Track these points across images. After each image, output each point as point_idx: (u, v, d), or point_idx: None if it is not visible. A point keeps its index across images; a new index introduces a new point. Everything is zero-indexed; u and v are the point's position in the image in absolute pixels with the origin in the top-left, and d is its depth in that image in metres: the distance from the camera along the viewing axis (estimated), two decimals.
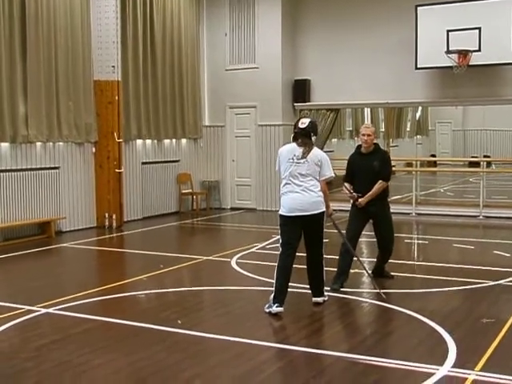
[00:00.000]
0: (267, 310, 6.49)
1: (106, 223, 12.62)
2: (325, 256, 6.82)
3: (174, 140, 14.72)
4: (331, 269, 7.34)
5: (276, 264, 6.61)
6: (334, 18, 14.52)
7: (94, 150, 12.57)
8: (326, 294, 6.92)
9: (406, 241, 10.92)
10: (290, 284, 6.59)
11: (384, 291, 7.19)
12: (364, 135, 7.55)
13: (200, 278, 8.70)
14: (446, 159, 21.73)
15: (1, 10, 10.61)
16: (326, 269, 6.87)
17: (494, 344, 5.51)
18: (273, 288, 6.54)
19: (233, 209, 15.37)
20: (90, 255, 10.47)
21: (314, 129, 6.64)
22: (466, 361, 5.10)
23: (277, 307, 6.43)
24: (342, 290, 7.36)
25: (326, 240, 6.82)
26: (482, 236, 12.09)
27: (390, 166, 7.77)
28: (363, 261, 8.35)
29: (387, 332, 6.21)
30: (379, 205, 7.60)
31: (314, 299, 6.84)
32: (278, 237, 6.73)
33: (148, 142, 13.97)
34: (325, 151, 7.79)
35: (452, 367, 4.98)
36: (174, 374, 5.00)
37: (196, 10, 15.11)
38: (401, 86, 13.79)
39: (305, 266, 6.83)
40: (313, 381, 4.88)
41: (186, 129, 14.89)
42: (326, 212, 6.67)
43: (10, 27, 10.82)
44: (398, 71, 13.76)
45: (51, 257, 10.42)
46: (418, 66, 13.23)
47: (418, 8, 13.07)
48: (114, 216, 12.60)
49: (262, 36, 14.78)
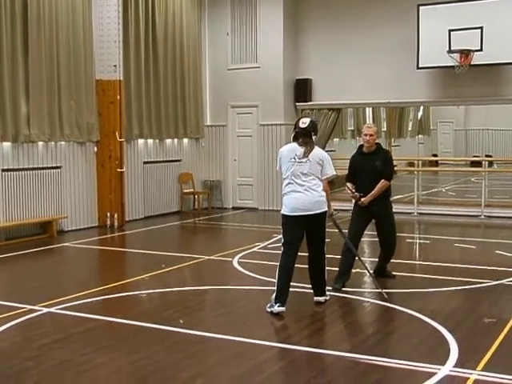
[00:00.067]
0: (269, 310, 6.49)
1: (108, 223, 12.63)
2: (326, 255, 6.82)
3: (175, 139, 14.73)
4: (333, 268, 7.34)
5: (278, 263, 6.62)
6: (335, 18, 14.52)
7: (95, 149, 12.58)
8: (327, 293, 6.92)
9: (407, 240, 10.91)
10: (291, 283, 6.59)
11: (386, 291, 7.18)
12: (366, 135, 7.55)
13: (201, 278, 8.70)
14: (447, 159, 21.71)
15: (3, 9, 10.63)
16: (327, 268, 6.87)
17: (496, 344, 5.51)
18: (274, 287, 6.54)
19: (234, 208, 15.37)
20: (91, 255, 10.48)
21: (314, 128, 6.66)
22: (467, 360, 5.10)
23: (278, 307, 6.43)
24: (344, 289, 7.36)
25: (327, 240, 6.82)
26: (484, 236, 12.08)
27: (392, 165, 7.78)
28: (365, 260, 8.35)
29: (389, 331, 6.21)
30: (382, 204, 7.59)
31: (316, 298, 6.84)
32: (280, 236, 6.74)
33: (150, 141, 13.98)
34: (326, 151, 7.80)
35: (453, 367, 4.98)
36: (175, 373, 5.01)
37: (198, 10, 15.12)
38: (402, 85, 13.79)
39: (306, 266, 6.84)
40: (314, 380, 4.88)
41: (188, 128, 14.89)
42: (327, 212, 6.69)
43: (12, 26, 10.84)
44: (399, 71, 13.75)
45: (53, 256, 10.43)
46: (420, 66, 13.22)
47: (420, 7, 13.06)
48: (115, 215, 12.61)
49: (264, 35, 14.77)
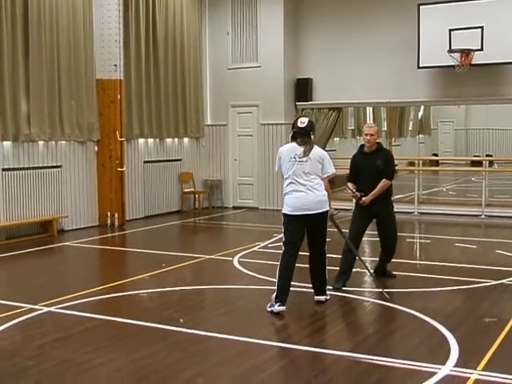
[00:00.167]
0: (269, 309, 6.49)
1: (108, 222, 12.63)
2: (327, 255, 6.82)
3: (176, 139, 14.72)
4: (333, 268, 7.34)
5: (278, 263, 6.62)
6: (336, 17, 14.51)
7: (96, 148, 12.58)
8: (328, 292, 6.92)
9: (408, 240, 10.91)
10: (291, 283, 6.59)
11: (386, 290, 7.18)
12: (367, 135, 7.55)
13: (202, 277, 8.70)
14: (448, 158, 21.68)
15: (3, 9, 10.63)
16: (328, 268, 6.87)
17: (497, 343, 5.51)
18: (275, 287, 6.54)
19: (235, 208, 15.37)
20: (92, 254, 10.48)
21: (312, 127, 6.75)
22: (468, 360, 5.10)
23: (279, 306, 6.43)
24: (344, 288, 7.36)
25: (328, 239, 6.82)
26: (484, 235, 12.08)
27: (393, 164, 7.77)
28: (366, 260, 8.35)
29: (389, 331, 6.21)
30: (383, 204, 7.59)
31: (317, 298, 6.84)
32: (280, 236, 6.74)
33: (150, 140, 13.97)
34: (327, 150, 7.81)
35: (454, 366, 4.98)
36: (176, 372, 5.01)
37: (198, 9, 15.12)
38: (403, 85, 13.77)
39: (307, 265, 6.84)
40: (314, 380, 4.88)
41: (188, 128, 14.89)
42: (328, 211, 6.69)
43: (12, 26, 10.83)
44: (400, 70, 13.74)
45: (53, 255, 10.43)
46: (421, 65, 13.21)
47: (421, 7, 13.05)
48: (116, 215, 12.60)
49: (264, 35, 14.76)
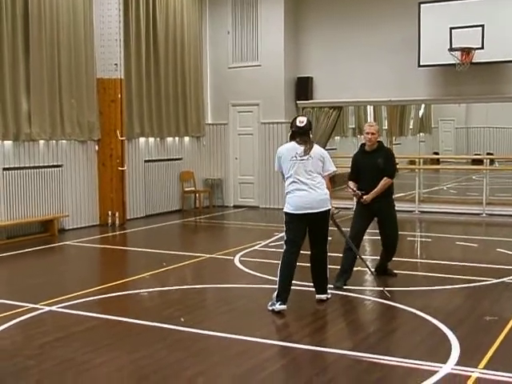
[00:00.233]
0: (270, 308, 6.48)
1: (109, 221, 12.62)
2: (328, 254, 6.82)
3: (176, 138, 14.72)
4: (334, 266, 7.33)
5: (279, 262, 6.62)
6: (336, 16, 14.50)
7: (96, 148, 12.57)
8: (329, 291, 6.92)
9: (409, 238, 10.90)
10: (292, 282, 6.58)
11: (387, 289, 7.17)
12: (368, 133, 7.55)
13: (203, 276, 8.70)
14: (448, 157, 21.66)
15: (4, 7, 10.62)
16: (329, 266, 6.85)
17: (497, 342, 5.50)
18: (276, 286, 6.54)
19: (235, 207, 15.36)
20: (92, 253, 10.48)
21: (311, 127, 6.87)
22: (469, 358, 5.09)
23: (280, 305, 6.43)
24: (345, 287, 7.36)
25: (329, 238, 6.82)
26: (485, 234, 12.07)
27: (394, 162, 7.76)
28: (366, 259, 8.35)
29: (390, 330, 6.20)
30: (384, 202, 7.58)
31: (318, 296, 6.84)
32: (281, 234, 6.74)
33: (151, 140, 13.97)
34: (327, 149, 7.81)
35: (455, 365, 4.98)
36: (176, 371, 5.00)
37: (199, 8, 15.11)
38: (404, 83, 13.76)
39: (307, 264, 6.83)
40: (316, 378, 4.88)
41: (189, 127, 14.89)
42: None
43: (12, 25, 10.83)
44: (400, 69, 13.73)
45: (54, 255, 10.43)
46: (421, 64, 13.20)
47: (421, 5, 13.03)
48: (116, 214, 12.60)
49: (265, 34, 14.75)
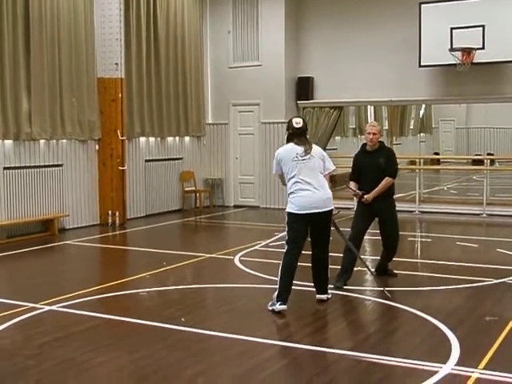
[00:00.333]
0: (270, 308, 6.48)
1: (109, 221, 12.62)
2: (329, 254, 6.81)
3: (177, 138, 14.71)
4: (335, 266, 7.33)
5: (279, 261, 6.61)
6: (337, 16, 14.50)
7: (97, 147, 12.57)
8: (329, 291, 6.91)
9: (409, 239, 10.89)
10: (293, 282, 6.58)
11: (387, 289, 7.17)
12: (370, 133, 7.55)
13: (203, 276, 8.70)
14: (449, 157, 21.66)
15: (4, 7, 10.62)
16: (329, 266, 6.85)
17: (498, 342, 5.50)
18: (276, 286, 6.53)
19: (236, 206, 15.36)
20: (93, 253, 10.48)
21: (307, 127, 6.86)
22: (469, 359, 5.09)
23: (280, 305, 6.43)
24: (346, 287, 7.36)
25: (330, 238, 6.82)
26: (485, 234, 12.07)
27: (395, 162, 7.74)
28: (367, 259, 8.35)
29: (391, 330, 6.20)
30: (385, 202, 7.57)
31: (319, 296, 6.83)
32: (281, 234, 6.73)
33: (151, 139, 13.96)
34: (328, 149, 7.81)
35: (455, 365, 4.97)
36: (176, 371, 5.00)
37: (199, 8, 15.10)
38: (404, 83, 13.76)
39: (308, 264, 6.82)
40: (316, 378, 4.87)
41: (190, 126, 14.88)
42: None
43: (13, 24, 10.82)
44: (401, 69, 13.72)
45: (54, 254, 10.43)
46: (422, 64, 13.20)
47: (422, 5, 13.03)
48: (117, 213, 12.59)
49: (266, 33, 14.75)
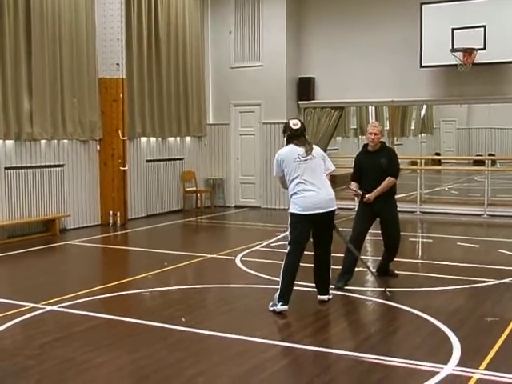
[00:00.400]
0: (271, 309, 6.48)
1: (110, 221, 12.62)
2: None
3: (178, 138, 14.72)
4: (335, 267, 7.32)
5: (281, 262, 6.60)
6: (338, 16, 14.50)
7: (98, 147, 12.57)
8: (330, 292, 6.91)
9: (410, 239, 10.88)
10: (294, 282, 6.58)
11: (388, 289, 7.16)
12: (371, 134, 7.54)
13: (204, 276, 8.70)
14: (450, 157, 21.65)
15: (6, 7, 10.63)
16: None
17: (499, 343, 5.49)
18: (277, 286, 6.53)
19: (237, 207, 15.36)
20: (94, 253, 10.48)
21: (304, 128, 6.86)
22: (470, 359, 5.08)
23: (281, 306, 6.42)
24: (347, 288, 7.35)
25: None
26: (487, 234, 12.06)
27: (397, 162, 7.73)
28: (368, 259, 8.34)
29: (392, 330, 6.19)
30: (386, 203, 7.56)
31: (320, 297, 6.83)
32: (283, 235, 6.73)
33: (152, 139, 13.97)
34: (329, 149, 7.80)
35: (456, 366, 4.97)
36: (177, 371, 5.00)
37: (200, 8, 15.10)
38: (405, 84, 13.76)
39: (308, 264, 6.82)
40: (317, 379, 4.87)
41: (191, 127, 14.89)
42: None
43: (14, 25, 10.83)
44: (402, 69, 13.73)
45: (55, 254, 10.43)
46: (423, 64, 13.20)
47: (423, 6, 13.03)
48: (118, 214, 12.60)
49: (267, 34, 14.75)
